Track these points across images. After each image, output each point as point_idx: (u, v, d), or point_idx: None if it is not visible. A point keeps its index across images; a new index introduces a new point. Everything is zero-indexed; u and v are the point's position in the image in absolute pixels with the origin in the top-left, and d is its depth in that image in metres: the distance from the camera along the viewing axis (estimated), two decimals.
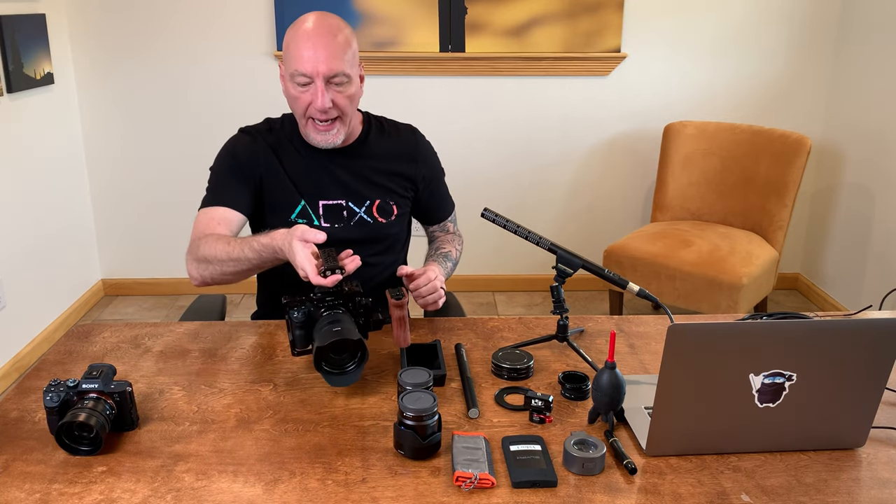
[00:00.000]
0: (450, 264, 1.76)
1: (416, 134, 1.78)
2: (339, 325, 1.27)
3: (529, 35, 3.40)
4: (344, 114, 1.57)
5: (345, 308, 1.36)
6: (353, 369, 1.28)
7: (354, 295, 1.39)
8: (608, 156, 3.64)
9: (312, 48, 1.49)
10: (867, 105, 3.27)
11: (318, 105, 1.51)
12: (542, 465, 1.11)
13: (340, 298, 1.37)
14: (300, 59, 1.50)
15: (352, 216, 1.68)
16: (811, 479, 1.10)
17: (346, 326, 1.27)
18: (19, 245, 3.00)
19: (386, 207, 1.71)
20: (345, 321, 1.30)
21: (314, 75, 1.50)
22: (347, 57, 1.53)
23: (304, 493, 1.06)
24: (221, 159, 1.67)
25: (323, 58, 1.49)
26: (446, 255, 1.78)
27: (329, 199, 1.67)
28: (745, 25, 3.45)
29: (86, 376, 1.17)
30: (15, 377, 2.91)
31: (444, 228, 1.87)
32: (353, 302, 1.38)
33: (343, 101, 1.55)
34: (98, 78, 3.44)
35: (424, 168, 1.76)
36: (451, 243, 1.83)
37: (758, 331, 1.09)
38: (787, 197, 3.09)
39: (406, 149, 1.74)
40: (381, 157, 1.70)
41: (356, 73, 1.58)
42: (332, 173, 1.66)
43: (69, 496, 1.05)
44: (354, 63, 1.57)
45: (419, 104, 3.51)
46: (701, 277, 2.87)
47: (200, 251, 1.51)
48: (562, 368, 1.42)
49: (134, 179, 3.58)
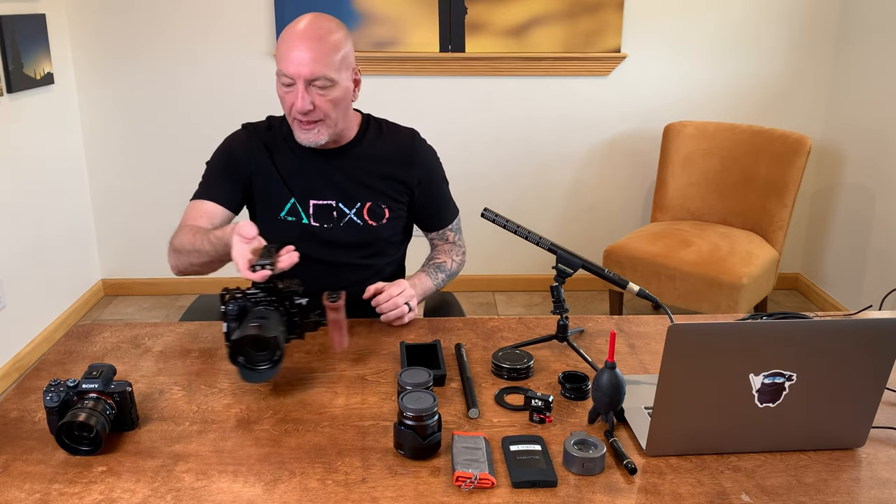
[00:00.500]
0: (442, 275, 1.75)
1: (415, 138, 1.76)
2: (259, 322, 1.26)
3: (529, 35, 3.40)
4: (326, 116, 1.56)
5: (277, 306, 1.36)
6: (266, 368, 1.26)
7: (291, 294, 1.37)
8: (608, 156, 3.64)
9: (297, 50, 1.50)
10: (867, 105, 3.27)
11: (298, 107, 1.53)
12: (542, 465, 1.11)
13: (274, 295, 1.36)
14: (285, 60, 1.51)
15: (342, 217, 1.68)
16: (811, 479, 1.11)
17: (265, 324, 1.26)
18: (19, 245, 3.00)
19: (377, 210, 1.70)
20: (271, 318, 1.29)
21: (296, 77, 1.51)
22: (333, 61, 1.52)
23: (304, 493, 1.06)
24: (217, 155, 1.72)
25: (306, 60, 1.49)
26: (439, 267, 1.76)
27: (319, 199, 1.67)
28: (745, 25, 3.45)
29: (86, 376, 1.17)
30: (15, 377, 2.91)
31: (444, 237, 1.83)
32: (289, 301, 1.37)
33: (325, 105, 1.54)
34: (98, 78, 3.44)
35: (420, 173, 1.73)
36: (447, 254, 1.81)
37: (758, 331, 1.09)
38: (787, 197, 3.09)
39: (402, 153, 1.72)
40: (375, 159, 1.69)
41: (345, 77, 1.56)
42: (324, 173, 1.67)
43: (69, 496, 1.05)
44: (344, 67, 1.55)
45: (419, 104, 3.51)
46: (701, 277, 2.87)
47: (175, 241, 1.60)
48: (562, 368, 1.42)
49: (134, 179, 3.58)
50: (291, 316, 1.38)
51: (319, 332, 1.57)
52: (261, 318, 1.28)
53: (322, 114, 1.55)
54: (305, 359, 1.45)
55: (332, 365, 1.43)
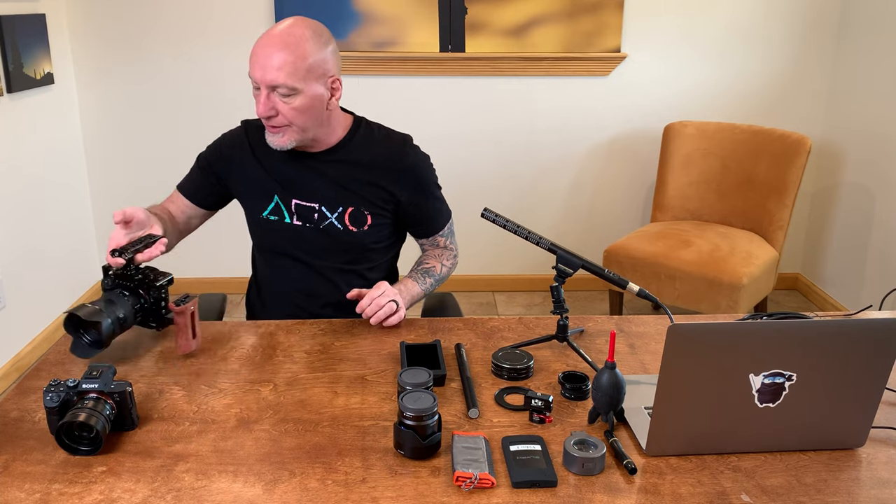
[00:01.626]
0: (430, 280, 1.73)
1: (405, 146, 1.70)
2: (95, 304, 1.37)
3: (529, 35, 3.40)
4: (291, 123, 1.55)
5: (131, 292, 1.44)
6: (85, 343, 1.38)
7: (151, 284, 1.45)
8: (608, 156, 3.64)
9: (263, 56, 1.50)
10: (867, 105, 3.27)
11: (258, 111, 1.54)
12: (542, 465, 1.11)
13: (132, 282, 1.44)
14: (252, 64, 1.52)
15: (322, 220, 1.67)
16: (811, 479, 1.11)
17: (94, 307, 1.37)
18: (19, 245, 3.00)
19: (359, 216, 1.67)
20: (113, 302, 1.40)
21: (259, 82, 1.52)
22: (297, 70, 1.50)
23: (304, 493, 1.06)
24: (206, 150, 1.78)
25: (268, 67, 1.49)
26: (427, 272, 1.74)
27: (302, 200, 1.67)
28: (746, 25, 3.45)
29: (86, 376, 1.17)
30: (15, 377, 2.91)
31: (434, 242, 1.79)
32: (144, 288, 1.45)
33: (288, 112, 1.53)
34: (98, 78, 3.44)
35: (408, 182, 1.68)
36: (437, 258, 1.78)
37: (758, 331, 1.09)
38: (787, 197, 3.09)
39: (391, 160, 1.67)
40: (361, 164, 1.67)
41: (314, 86, 1.53)
42: (309, 175, 1.67)
43: (69, 496, 1.05)
44: (312, 77, 1.52)
45: (419, 104, 3.51)
46: (701, 277, 2.87)
47: None
48: (562, 368, 1.42)
49: (134, 179, 3.58)
50: (144, 304, 1.46)
51: (319, 332, 1.57)
52: (100, 302, 1.39)
53: (286, 120, 1.54)
54: (305, 359, 1.45)
55: (332, 365, 1.43)
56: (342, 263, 1.72)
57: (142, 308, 1.46)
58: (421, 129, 1.80)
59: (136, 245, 1.42)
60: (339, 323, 1.61)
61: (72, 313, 1.35)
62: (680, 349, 1.07)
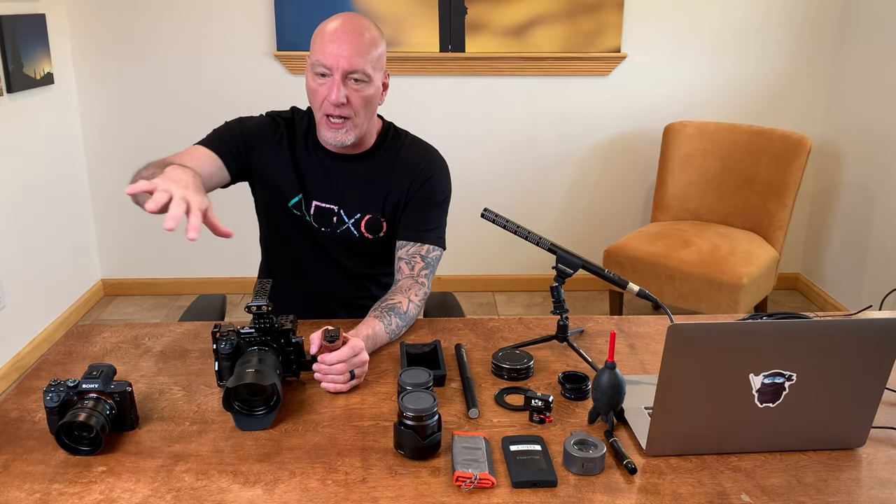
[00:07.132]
0: (396, 320, 1.51)
1: (427, 156, 1.68)
2: (254, 368, 1.20)
3: (529, 35, 3.40)
4: (356, 114, 1.54)
5: (272, 346, 1.30)
6: (262, 414, 1.21)
7: (286, 332, 1.31)
8: (608, 156, 3.64)
9: (337, 42, 1.49)
10: (867, 105, 3.27)
11: (332, 98, 1.50)
12: (542, 465, 1.11)
13: (268, 335, 1.29)
14: (323, 51, 1.50)
15: (340, 224, 1.67)
16: (811, 479, 1.10)
17: (261, 369, 1.20)
18: (19, 245, 3.00)
19: (376, 223, 1.67)
20: (266, 361, 1.23)
21: (334, 68, 1.49)
22: (371, 57, 1.51)
23: (304, 494, 1.06)
24: (236, 122, 1.66)
25: (345, 53, 1.48)
26: (392, 309, 1.52)
27: (322, 202, 1.67)
28: (746, 25, 3.45)
29: (86, 376, 1.17)
30: (15, 377, 2.91)
31: (411, 260, 1.63)
32: (284, 338, 1.31)
33: (357, 101, 1.52)
34: (98, 78, 3.44)
35: (420, 185, 1.65)
36: (404, 293, 1.57)
37: (758, 331, 1.09)
38: (787, 197, 3.09)
39: (414, 168, 1.65)
40: (384, 172, 1.66)
41: (378, 76, 1.55)
42: (332, 177, 1.66)
43: (69, 496, 1.05)
44: (378, 66, 1.54)
45: (419, 104, 3.51)
46: (701, 277, 2.87)
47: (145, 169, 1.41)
48: (562, 368, 1.42)
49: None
50: (287, 355, 1.32)
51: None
52: (256, 363, 1.22)
53: (353, 110, 1.53)
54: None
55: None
56: (355, 266, 1.72)
57: (283, 360, 1.31)
58: (421, 129, 1.80)
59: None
60: (343, 323, 1.61)
61: (241, 384, 1.18)
62: (680, 349, 1.07)
